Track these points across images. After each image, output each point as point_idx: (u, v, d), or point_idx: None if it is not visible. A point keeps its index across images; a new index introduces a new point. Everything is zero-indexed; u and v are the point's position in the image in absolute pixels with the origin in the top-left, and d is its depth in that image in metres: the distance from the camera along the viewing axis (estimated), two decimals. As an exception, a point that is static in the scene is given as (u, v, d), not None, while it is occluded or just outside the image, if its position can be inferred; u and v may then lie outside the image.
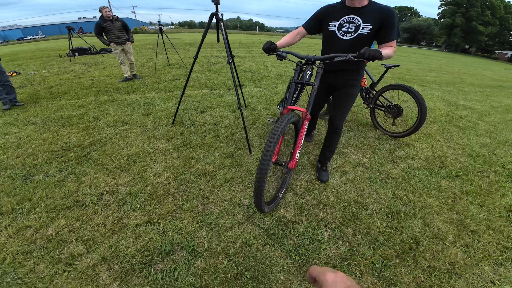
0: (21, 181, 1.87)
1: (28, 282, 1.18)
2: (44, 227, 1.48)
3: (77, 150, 2.33)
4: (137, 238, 1.44)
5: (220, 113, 3.27)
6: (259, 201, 1.30)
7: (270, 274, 1.26)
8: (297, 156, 1.59)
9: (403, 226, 1.60)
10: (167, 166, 2.11)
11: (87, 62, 7.21)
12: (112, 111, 3.32)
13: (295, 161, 1.61)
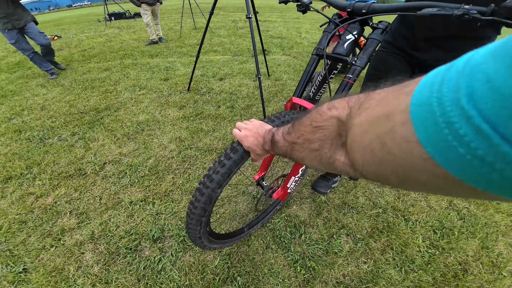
0: (36, 144, 1.84)
1: (16, 255, 1.12)
2: (45, 196, 1.41)
3: (92, 114, 2.23)
4: (129, 218, 1.28)
5: (239, 81, 2.84)
6: (192, 233, 0.72)
7: (266, 285, 1.00)
8: (291, 185, 1.00)
9: (453, 247, 1.16)
10: (174, 137, 1.88)
11: (120, 26, 7.08)
12: (132, 74, 3.14)
13: (286, 191, 1.03)
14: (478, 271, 1.08)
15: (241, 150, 0.59)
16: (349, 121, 0.26)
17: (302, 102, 0.78)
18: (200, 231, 0.71)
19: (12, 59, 4.43)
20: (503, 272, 1.08)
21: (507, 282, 1.04)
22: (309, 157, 0.35)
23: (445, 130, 0.14)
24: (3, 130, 2.05)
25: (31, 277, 1.06)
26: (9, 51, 5.23)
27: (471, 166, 0.14)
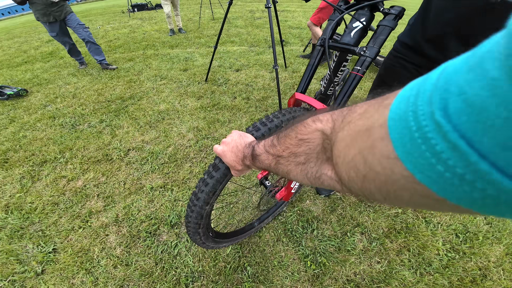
0: (68, 130, 1.95)
1: (47, 235, 1.21)
2: (75, 179, 1.50)
3: (118, 103, 2.30)
4: (150, 203, 1.33)
5: (255, 73, 2.76)
6: (191, 232, 0.69)
7: (275, 277, 1.00)
8: (295, 185, 0.96)
9: (475, 252, 1.07)
10: (192, 126, 1.89)
11: (143, 17, 7.13)
12: (154, 65, 3.17)
13: (290, 191, 0.98)
14: (498, 277, 1.00)
15: (223, 168, 0.55)
16: (333, 135, 0.25)
17: (305, 99, 0.69)
18: (201, 238, 0.70)
19: (46, 49, 4.67)
20: None
21: None
22: (295, 171, 0.32)
23: (422, 146, 0.14)
24: (39, 117, 2.19)
25: (59, 257, 1.12)
26: (43, 41, 5.51)
27: (452, 184, 0.13)
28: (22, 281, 1.06)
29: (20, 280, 1.06)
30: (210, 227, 0.76)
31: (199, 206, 0.60)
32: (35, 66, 3.65)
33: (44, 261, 1.12)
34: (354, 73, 0.67)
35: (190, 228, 0.65)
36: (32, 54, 4.39)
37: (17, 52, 4.78)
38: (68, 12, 2.70)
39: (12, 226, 1.28)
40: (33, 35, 6.66)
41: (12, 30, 9.46)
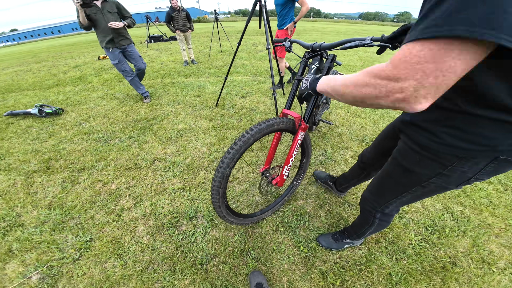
0: (102, 144, 2.31)
1: (85, 227, 1.47)
2: (110, 182, 1.81)
3: (143, 122, 2.70)
4: (172, 201, 1.61)
5: (258, 99, 3.20)
6: (220, 212, 1.11)
7: (274, 259, 1.23)
8: (285, 172, 1.23)
9: (444, 243, 1.29)
10: (205, 142, 2.24)
11: (159, 48, 8.05)
12: (172, 91, 3.66)
13: (282, 178, 1.25)
14: (467, 265, 1.19)
15: (240, 143, 0.96)
16: None
17: (289, 112, 1.10)
18: (219, 200, 1.01)
19: (74, 73, 5.31)
20: (492, 268, 1.17)
21: (496, 277, 1.13)
22: None
23: None
24: (76, 132, 2.58)
25: (94, 245, 1.36)
26: (70, 66, 6.25)
27: None
28: (60, 267, 1.26)
29: (58, 265, 1.27)
30: (226, 195, 1.08)
31: (223, 168, 0.95)
32: (66, 89, 4.20)
33: (81, 248, 1.35)
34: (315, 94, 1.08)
35: (215, 186, 0.98)
36: (61, 78, 5.01)
37: (47, 75, 5.43)
38: (130, 43, 2.83)
39: (54, 220, 1.54)
40: (60, 60, 7.51)
41: (38, 54, 10.57)
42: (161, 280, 1.17)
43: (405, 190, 0.75)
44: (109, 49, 2.72)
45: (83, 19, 2.43)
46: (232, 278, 1.16)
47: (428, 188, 0.69)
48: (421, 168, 0.65)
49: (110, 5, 2.56)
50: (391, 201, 0.83)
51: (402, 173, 0.72)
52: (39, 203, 1.68)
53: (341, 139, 2.24)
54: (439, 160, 0.60)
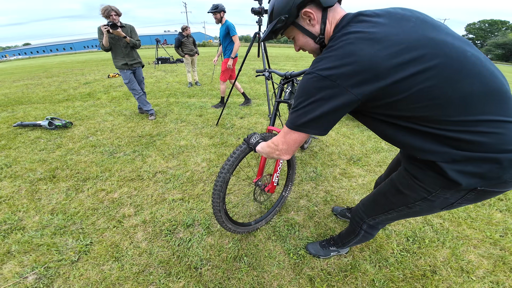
0: (107, 156, 2.45)
1: (86, 232, 1.55)
2: (113, 192, 1.92)
3: (147, 138, 2.87)
4: (171, 210, 1.71)
5: (255, 120, 3.45)
6: (221, 221, 1.24)
7: (265, 265, 1.31)
8: (275, 179, 1.44)
9: (424, 252, 1.39)
10: (205, 158, 2.39)
11: (166, 70, 8.60)
12: (176, 110, 3.92)
13: (273, 185, 1.46)
14: (446, 274, 1.27)
15: (238, 151, 1.16)
16: None
17: (273, 128, 1.39)
18: (219, 204, 1.14)
19: (84, 90, 5.62)
20: (472, 276, 1.25)
21: (476, 285, 1.20)
22: None
23: None
24: (83, 145, 2.73)
25: (94, 248, 1.43)
26: (80, 82, 6.60)
27: None
28: (57, 268, 1.31)
29: (55, 267, 1.32)
30: (225, 201, 1.22)
31: (224, 173, 1.13)
32: (75, 104, 4.44)
33: (81, 251, 1.41)
34: None
35: (216, 191, 1.12)
36: (71, 93, 5.30)
37: (58, 90, 5.73)
38: (139, 65, 3.22)
39: (56, 225, 1.62)
40: (70, 76, 7.92)
41: (49, 69, 11.08)
42: (156, 282, 1.23)
43: (392, 208, 0.86)
44: (123, 70, 3.09)
45: (106, 42, 2.83)
46: (225, 281, 1.23)
47: (414, 209, 0.80)
48: (410, 191, 0.76)
49: (126, 30, 2.99)
50: (378, 215, 0.95)
51: (394, 193, 0.83)
52: (42, 209, 1.76)
53: (330, 157, 2.42)
54: (425, 187, 0.71)
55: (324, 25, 0.71)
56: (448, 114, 0.58)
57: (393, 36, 0.57)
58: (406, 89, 0.57)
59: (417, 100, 0.57)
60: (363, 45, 0.57)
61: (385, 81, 0.57)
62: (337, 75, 0.59)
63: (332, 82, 0.60)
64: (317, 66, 0.63)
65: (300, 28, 0.75)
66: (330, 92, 0.61)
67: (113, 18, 2.77)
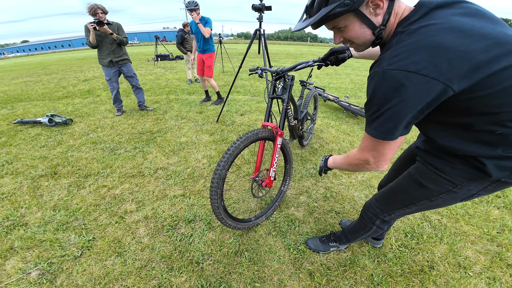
0: (108, 153, 2.46)
1: (89, 228, 1.56)
2: (114, 188, 1.93)
3: (148, 134, 2.88)
4: (172, 206, 1.72)
5: (255, 117, 3.45)
6: (220, 218, 1.26)
7: (266, 260, 1.33)
8: (271, 174, 1.44)
9: (422, 248, 1.41)
10: (206, 155, 2.40)
11: (165, 67, 8.56)
12: (176, 107, 3.91)
13: (270, 180, 1.45)
14: (444, 269, 1.29)
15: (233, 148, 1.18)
16: None
17: (267, 124, 1.36)
18: (217, 201, 1.16)
19: (83, 87, 5.59)
20: (469, 272, 1.27)
21: (473, 281, 1.22)
22: None
23: None
24: (83, 142, 2.74)
25: (96, 244, 1.44)
26: (79, 79, 6.57)
27: None
28: (60, 264, 1.33)
29: (58, 262, 1.33)
30: (223, 198, 1.24)
31: (220, 170, 1.14)
32: (75, 101, 4.43)
33: (83, 247, 1.43)
34: (284, 106, 1.41)
35: (213, 188, 1.15)
36: (71, 90, 5.28)
37: (57, 87, 5.71)
38: (126, 61, 3.24)
39: (59, 221, 1.63)
40: (69, 73, 7.88)
41: (48, 66, 11.01)
42: (159, 277, 1.25)
43: (413, 202, 0.86)
44: (107, 67, 3.14)
45: (93, 40, 2.87)
46: (226, 276, 1.25)
47: (435, 202, 0.81)
48: (435, 185, 0.77)
49: (113, 27, 3.00)
50: (396, 210, 0.94)
51: (417, 188, 0.83)
52: (44, 205, 1.77)
53: (330, 154, 2.42)
54: (452, 180, 0.72)
55: (388, 16, 0.65)
56: None
57: (479, 29, 0.54)
58: (496, 84, 0.54)
59: (503, 96, 0.55)
60: (452, 37, 0.53)
61: (481, 74, 0.53)
62: (430, 69, 0.53)
63: (424, 76, 0.54)
64: (397, 60, 0.56)
65: (360, 16, 0.65)
66: (421, 88, 0.55)
67: (100, 16, 2.80)
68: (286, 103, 1.42)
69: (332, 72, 7.81)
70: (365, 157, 0.74)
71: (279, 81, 1.44)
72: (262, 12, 2.27)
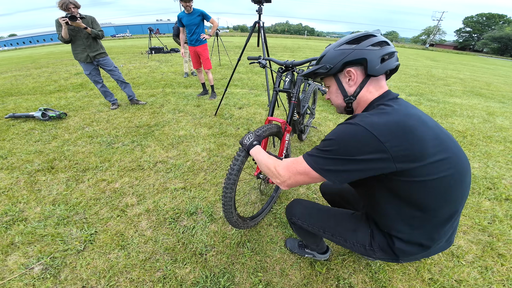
0: (105, 147, 2.43)
1: (90, 222, 1.56)
2: (114, 182, 1.92)
3: (145, 128, 2.85)
4: (173, 199, 1.73)
5: (254, 110, 3.44)
6: (229, 217, 1.17)
7: (268, 250, 1.37)
8: None
9: (416, 238, 1.46)
10: (205, 148, 2.40)
11: (160, 60, 8.36)
12: (173, 101, 3.86)
13: None
14: (438, 258, 1.34)
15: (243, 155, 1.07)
16: None
17: (273, 119, 1.35)
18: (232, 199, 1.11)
19: (75, 80, 5.44)
20: (461, 261, 1.32)
21: (466, 270, 1.27)
22: None
23: None
24: (79, 136, 2.69)
25: (99, 237, 1.45)
26: (71, 73, 6.37)
27: None
28: (63, 258, 1.33)
29: (61, 257, 1.33)
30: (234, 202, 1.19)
31: None
32: (68, 95, 4.32)
33: (86, 241, 1.43)
34: (293, 101, 1.37)
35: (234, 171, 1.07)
36: (63, 84, 5.13)
37: (48, 81, 5.53)
38: (103, 55, 3.15)
39: (59, 215, 1.62)
40: (60, 67, 7.63)
41: (37, 60, 10.62)
42: (163, 268, 1.27)
43: (332, 233, 0.91)
44: (83, 62, 3.04)
45: (66, 34, 2.74)
46: (229, 266, 1.28)
47: (346, 244, 0.88)
48: (362, 236, 0.83)
49: (86, 21, 2.88)
50: (311, 225, 0.98)
51: (349, 229, 0.88)
52: (43, 200, 1.76)
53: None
54: (372, 241, 0.81)
55: (359, 90, 0.75)
56: (442, 212, 0.67)
57: (428, 121, 0.65)
58: (432, 173, 0.61)
59: (432, 186, 0.63)
60: (414, 122, 0.61)
61: (424, 162, 0.60)
62: (389, 141, 0.59)
63: (382, 144, 0.59)
64: (368, 120, 0.62)
65: (338, 82, 0.79)
66: (375, 155, 0.60)
67: (72, 11, 2.67)
68: (295, 98, 1.37)
69: (329, 66, 7.78)
70: (285, 175, 0.76)
71: (286, 74, 1.39)
72: (261, 4, 2.23)
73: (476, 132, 3.13)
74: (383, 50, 0.70)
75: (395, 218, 0.72)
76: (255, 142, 1.03)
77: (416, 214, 0.68)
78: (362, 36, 0.73)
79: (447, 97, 4.99)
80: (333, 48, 0.77)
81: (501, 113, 4.05)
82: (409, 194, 0.65)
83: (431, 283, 1.20)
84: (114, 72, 3.32)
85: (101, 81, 3.32)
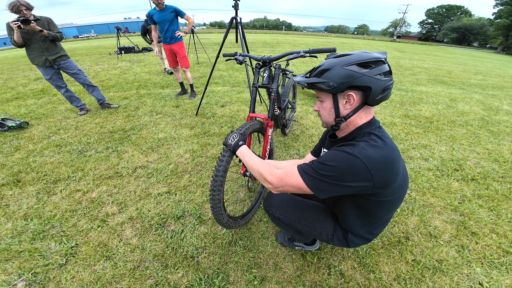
0: (77, 155, 2.31)
1: (69, 235, 1.50)
2: (90, 191, 1.84)
3: (120, 133, 2.74)
4: (157, 204, 1.72)
5: (237, 108, 3.47)
6: (220, 219, 1.18)
7: (260, 246, 1.42)
8: None
9: (397, 220, 1.61)
10: (188, 149, 2.39)
11: (131, 60, 8.02)
12: (149, 102, 3.75)
13: None
14: (418, 239, 1.48)
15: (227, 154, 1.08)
16: None
17: (254, 115, 1.39)
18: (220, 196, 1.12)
19: (35, 86, 5.04)
20: (439, 241, 1.47)
21: (444, 249, 1.41)
22: None
23: None
24: (45, 145, 2.52)
25: (81, 249, 1.40)
26: (29, 78, 5.89)
27: None
28: (45, 273, 1.27)
29: (43, 272, 1.28)
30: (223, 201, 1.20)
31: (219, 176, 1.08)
32: (27, 102, 4.00)
33: (67, 254, 1.37)
34: (272, 96, 1.41)
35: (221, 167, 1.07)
36: (21, 91, 4.73)
37: (4, 88, 5.06)
38: (65, 58, 2.99)
39: (33, 230, 1.52)
40: (16, 73, 7.00)
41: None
42: (154, 275, 1.27)
43: (306, 222, 1.05)
44: (42, 67, 2.88)
45: (19, 38, 2.58)
46: (223, 266, 1.31)
47: (314, 233, 1.06)
48: (327, 226, 1.03)
49: (42, 23, 2.73)
50: (288, 214, 1.08)
51: (320, 218, 1.05)
52: (13, 215, 1.65)
53: (311, 139, 2.59)
54: (335, 232, 1.03)
55: (352, 114, 0.82)
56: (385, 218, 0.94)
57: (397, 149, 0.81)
58: (392, 195, 0.81)
59: (388, 204, 0.85)
60: (397, 156, 0.77)
61: (392, 187, 0.78)
62: (377, 173, 0.72)
63: (371, 175, 0.71)
64: (365, 154, 0.72)
65: (335, 101, 0.82)
66: (363, 183, 0.73)
67: (24, 13, 2.52)
68: (275, 92, 1.41)
69: (308, 60, 8.04)
70: (277, 184, 0.84)
71: (263, 70, 1.41)
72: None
73: (441, 118, 3.47)
74: (387, 82, 0.74)
75: (353, 221, 0.94)
76: (241, 142, 1.04)
77: (370, 220, 0.92)
78: (373, 61, 0.74)
79: (414, 85, 5.42)
80: (341, 66, 0.75)
81: (461, 99, 4.54)
82: (370, 208, 0.86)
83: (415, 264, 1.33)
84: (79, 76, 3.16)
85: (65, 85, 3.16)
